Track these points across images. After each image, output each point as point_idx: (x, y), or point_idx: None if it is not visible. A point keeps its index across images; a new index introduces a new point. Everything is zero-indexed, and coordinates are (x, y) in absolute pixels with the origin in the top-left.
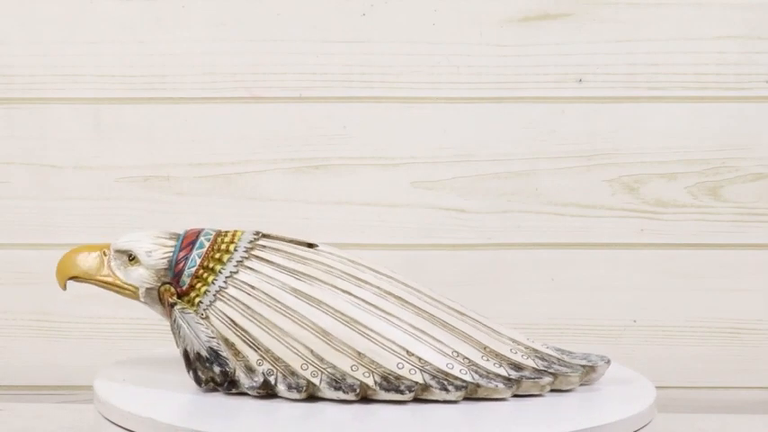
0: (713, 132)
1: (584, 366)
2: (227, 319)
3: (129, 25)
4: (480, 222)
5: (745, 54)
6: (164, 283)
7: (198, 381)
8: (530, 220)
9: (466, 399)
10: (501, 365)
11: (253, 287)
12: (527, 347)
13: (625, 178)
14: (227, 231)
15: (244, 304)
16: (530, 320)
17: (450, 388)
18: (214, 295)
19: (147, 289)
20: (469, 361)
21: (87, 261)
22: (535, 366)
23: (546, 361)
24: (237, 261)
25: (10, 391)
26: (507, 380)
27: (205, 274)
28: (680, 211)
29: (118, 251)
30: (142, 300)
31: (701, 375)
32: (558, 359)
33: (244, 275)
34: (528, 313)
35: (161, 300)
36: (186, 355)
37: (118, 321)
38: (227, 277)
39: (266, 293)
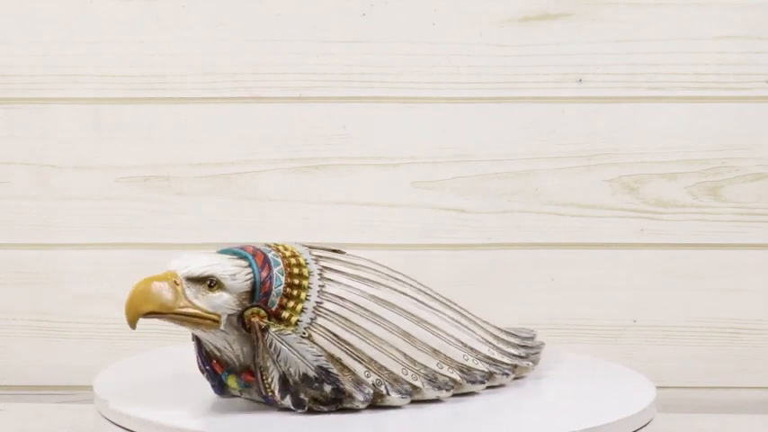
0: (713, 132)
1: (533, 338)
2: (330, 335)
3: (129, 25)
4: (480, 222)
5: (745, 54)
6: (246, 307)
7: (299, 404)
8: (530, 220)
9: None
10: (510, 346)
11: (342, 299)
12: (497, 328)
13: (625, 178)
14: (273, 245)
15: (342, 317)
16: (530, 320)
17: (508, 372)
18: (313, 312)
19: (229, 315)
20: (495, 346)
21: (162, 294)
22: (519, 343)
23: (516, 337)
24: (318, 274)
25: (10, 391)
26: (523, 358)
27: (295, 292)
28: (680, 211)
29: (192, 279)
30: (222, 328)
31: (701, 375)
32: (515, 335)
33: (331, 288)
34: (528, 313)
35: (244, 325)
36: (284, 378)
37: (118, 321)
38: (318, 292)
39: (355, 303)
